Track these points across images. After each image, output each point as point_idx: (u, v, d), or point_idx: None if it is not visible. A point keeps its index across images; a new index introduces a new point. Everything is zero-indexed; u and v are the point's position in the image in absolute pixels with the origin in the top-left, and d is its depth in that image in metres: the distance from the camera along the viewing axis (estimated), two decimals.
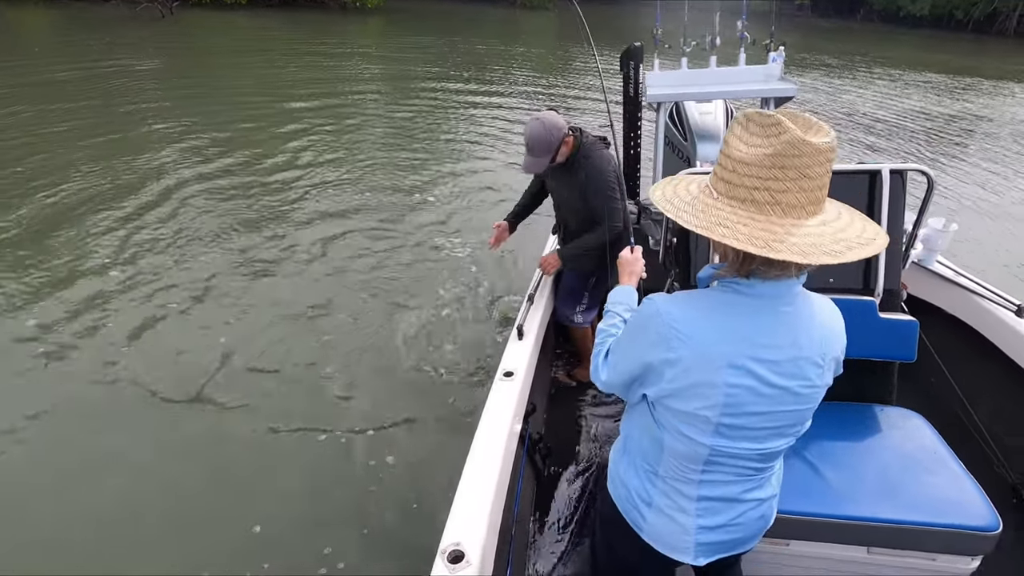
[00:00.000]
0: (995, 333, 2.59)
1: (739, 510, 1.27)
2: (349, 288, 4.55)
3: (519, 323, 2.51)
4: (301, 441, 3.09)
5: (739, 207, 0.99)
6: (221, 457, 2.98)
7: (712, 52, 3.43)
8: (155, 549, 2.51)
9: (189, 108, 9.57)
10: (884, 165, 2.11)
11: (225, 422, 3.21)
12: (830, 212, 1.02)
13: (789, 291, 1.09)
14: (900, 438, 1.95)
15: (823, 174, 0.97)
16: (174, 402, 3.31)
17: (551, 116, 2.56)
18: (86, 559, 2.44)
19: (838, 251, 0.95)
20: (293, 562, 2.47)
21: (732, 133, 1.01)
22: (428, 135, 8.94)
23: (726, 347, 1.07)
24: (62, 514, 2.63)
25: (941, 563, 1.69)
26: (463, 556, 1.43)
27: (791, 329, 1.09)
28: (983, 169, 8.47)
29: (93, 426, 3.13)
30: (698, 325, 1.08)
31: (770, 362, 1.08)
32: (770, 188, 0.96)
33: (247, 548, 2.52)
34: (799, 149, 0.93)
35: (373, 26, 23.75)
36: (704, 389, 1.09)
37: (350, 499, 2.75)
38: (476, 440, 1.86)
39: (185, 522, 2.63)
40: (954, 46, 26.29)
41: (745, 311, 1.08)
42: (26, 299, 4.19)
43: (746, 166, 0.97)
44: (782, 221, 0.97)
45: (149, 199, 5.98)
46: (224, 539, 2.56)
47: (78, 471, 2.85)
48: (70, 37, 16.79)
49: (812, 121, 0.97)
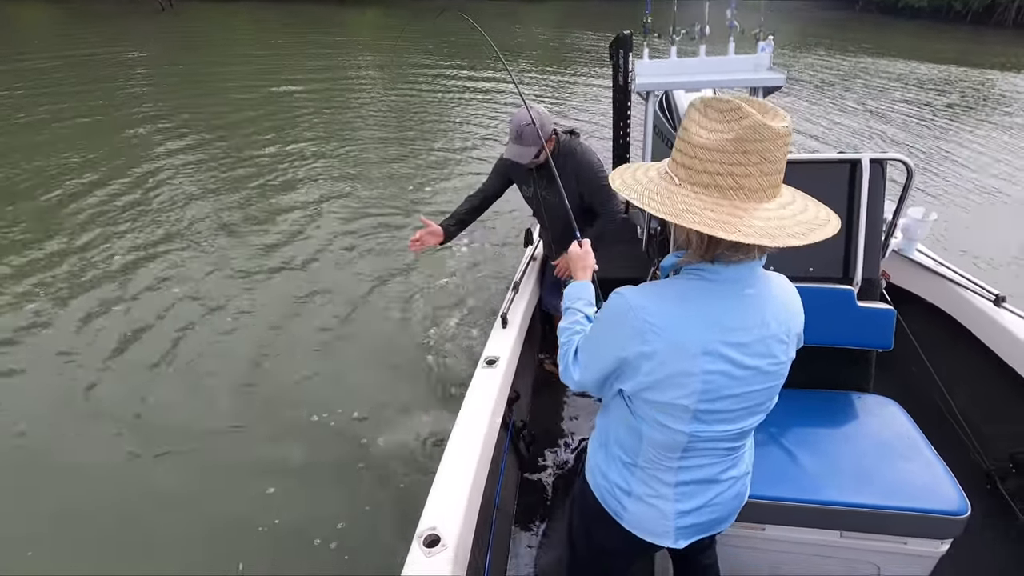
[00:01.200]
0: (973, 322, 2.61)
1: (716, 490, 1.29)
2: (336, 275, 4.57)
3: (503, 311, 2.52)
4: (281, 427, 3.11)
5: (703, 192, 0.99)
6: (202, 443, 3.01)
7: (701, 41, 3.42)
8: (133, 535, 2.54)
9: (183, 98, 9.58)
10: (864, 155, 2.12)
11: (216, 407, 3.24)
12: (786, 195, 1.03)
13: (752, 273, 1.10)
14: (875, 425, 1.97)
15: (781, 158, 0.98)
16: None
17: (542, 109, 2.52)
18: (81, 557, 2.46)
19: (801, 232, 0.96)
20: (267, 545, 2.49)
21: (690, 119, 1.01)
22: (421, 124, 8.94)
23: (699, 335, 1.08)
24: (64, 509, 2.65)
25: (912, 546, 1.72)
26: (439, 540, 1.45)
27: (758, 310, 1.11)
28: (975, 157, 8.48)
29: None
30: (671, 316, 1.09)
31: (741, 344, 1.09)
32: (733, 173, 0.96)
33: (230, 532, 2.54)
34: (760, 133, 0.93)
35: (370, 17, 23.59)
36: (681, 378, 1.10)
37: (331, 485, 2.77)
38: (456, 427, 1.87)
39: (164, 507, 2.65)
40: (951, 37, 26.21)
41: (713, 297, 1.09)
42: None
43: (707, 151, 0.97)
44: (745, 205, 0.98)
45: (143, 185, 6.01)
46: (204, 524, 2.59)
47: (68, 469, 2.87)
48: (69, 30, 16.69)
49: (768, 106, 0.98)
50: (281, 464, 2.87)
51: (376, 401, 3.29)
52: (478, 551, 1.74)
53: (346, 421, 3.15)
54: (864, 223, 2.14)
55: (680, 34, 3.45)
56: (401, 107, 9.90)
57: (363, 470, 2.85)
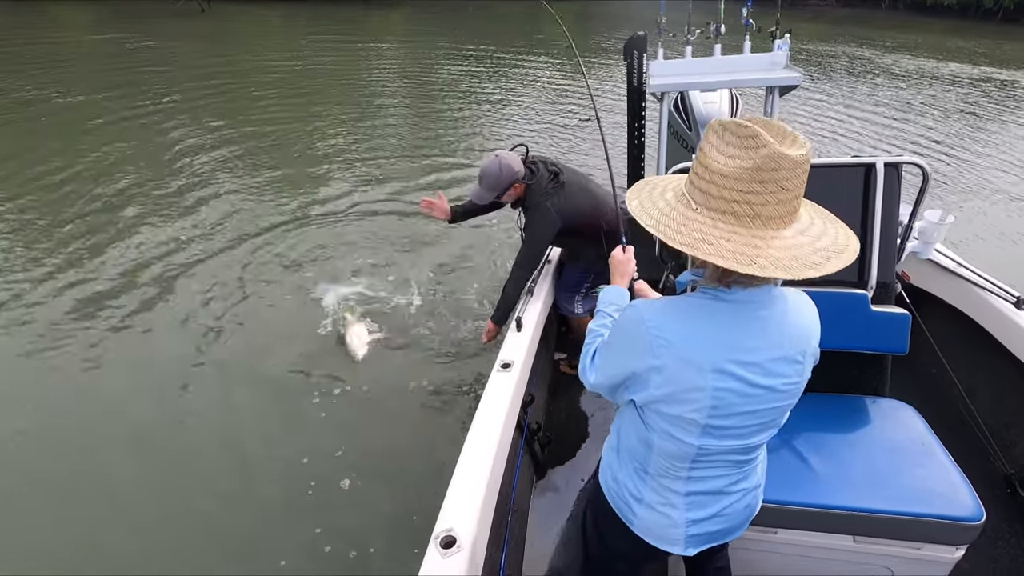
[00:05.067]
0: (994, 325, 2.56)
1: (726, 502, 1.29)
2: (353, 278, 4.60)
3: (518, 315, 2.54)
4: (294, 428, 3.13)
5: (719, 219, 0.99)
6: (223, 430, 3.07)
7: (716, 40, 3.40)
8: (123, 526, 2.58)
9: (218, 94, 9.90)
10: (879, 158, 2.10)
11: (232, 399, 3.29)
12: (804, 219, 1.03)
13: (767, 295, 1.11)
14: (890, 429, 1.95)
15: (800, 185, 0.98)
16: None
17: (509, 158, 2.65)
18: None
19: (818, 262, 0.97)
20: (284, 547, 2.50)
21: (708, 142, 1.01)
22: (445, 127, 8.97)
23: (709, 352, 1.08)
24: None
25: (926, 552, 1.70)
26: (455, 541, 1.46)
27: (771, 331, 1.11)
28: (1000, 159, 8.29)
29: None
30: (681, 332, 1.10)
31: (753, 364, 1.10)
32: (750, 201, 0.97)
33: (242, 529, 2.58)
34: (777, 163, 0.93)
35: (395, 19, 23.83)
36: (691, 394, 1.10)
37: (346, 488, 2.78)
38: (472, 430, 1.89)
39: (177, 504, 2.69)
40: (979, 35, 25.60)
41: (726, 317, 1.10)
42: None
43: (725, 178, 0.97)
44: (762, 233, 0.98)
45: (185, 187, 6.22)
46: (208, 525, 2.61)
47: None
48: (110, 32, 17.13)
49: (787, 131, 0.98)
50: (295, 466, 2.88)
51: (391, 405, 3.30)
52: (494, 552, 1.76)
53: (361, 424, 3.16)
54: (879, 228, 2.12)
55: (695, 33, 3.44)
56: (426, 108, 9.99)
57: (378, 473, 2.85)
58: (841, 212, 1.13)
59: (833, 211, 1.10)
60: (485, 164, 2.66)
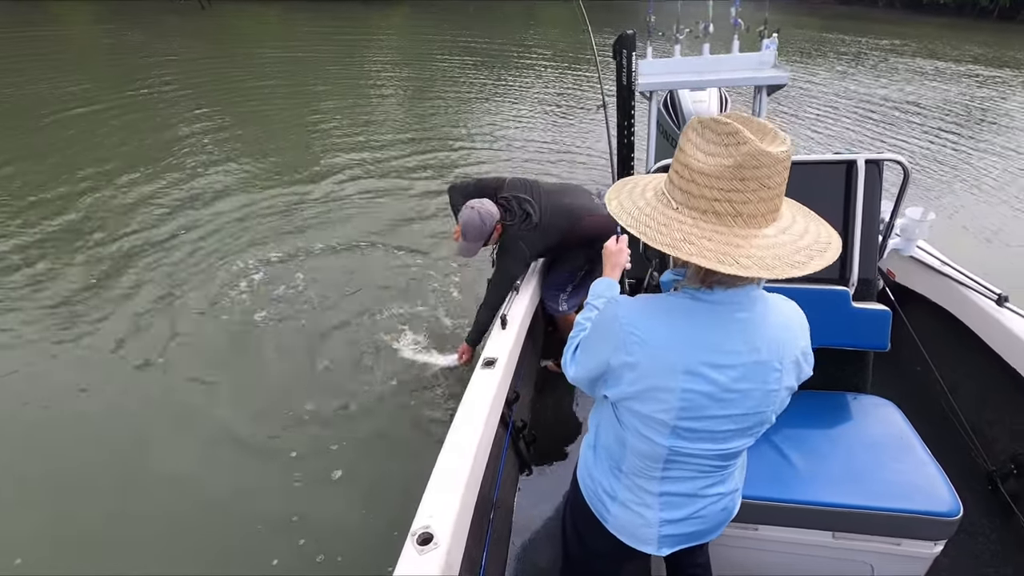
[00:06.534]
0: (976, 322, 2.58)
1: (700, 504, 1.29)
2: (338, 273, 4.61)
3: (503, 312, 2.54)
4: (272, 422, 3.12)
5: (700, 219, 0.98)
6: (207, 431, 3.05)
7: (705, 39, 3.42)
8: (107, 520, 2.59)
9: (212, 94, 9.88)
10: (860, 155, 2.11)
11: (217, 399, 3.28)
12: (786, 217, 1.02)
13: (747, 296, 1.09)
14: (870, 425, 1.96)
15: (781, 183, 0.97)
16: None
17: (485, 205, 2.76)
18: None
19: (801, 262, 0.95)
20: (263, 547, 2.48)
21: (688, 140, 0.99)
22: (444, 125, 8.98)
23: (682, 353, 1.08)
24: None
25: (906, 547, 1.71)
26: (432, 538, 1.45)
27: (748, 335, 1.09)
28: (985, 157, 8.33)
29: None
30: (655, 331, 1.09)
31: (726, 367, 1.08)
32: (732, 200, 0.95)
33: (217, 531, 2.56)
34: (759, 160, 0.92)
35: (395, 17, 23.82)
36: (660, 393, 1.10)
37: (324, 483, 2.77)
38: (453, 427, 1.88)
39: (161, 505, 2.67)
40: (975, 34, 25.64)
41: (703, 318, 1.08)
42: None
43: (705, 177, 0.96)
44: (744, 232, 0.96)
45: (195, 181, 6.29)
46: (186, 521, 2.60)
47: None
48: (110, 29, 17.15)
49: (768, 128, 0.97)
50: (272, 460, 2.87)
51: (371, 399, 3.29)
52: (475, 549, 1.75)
53: (339, 418, 3.15)
54: (860, 224, 2.13)
55: (684, 32, 3.45)
56: (425, 106, 9.99)
57: (357, 469, 2.84)
58: (822, 209, 1.13)
59: (814, 208, 1.09)
60: (465, 219, 2.75)
